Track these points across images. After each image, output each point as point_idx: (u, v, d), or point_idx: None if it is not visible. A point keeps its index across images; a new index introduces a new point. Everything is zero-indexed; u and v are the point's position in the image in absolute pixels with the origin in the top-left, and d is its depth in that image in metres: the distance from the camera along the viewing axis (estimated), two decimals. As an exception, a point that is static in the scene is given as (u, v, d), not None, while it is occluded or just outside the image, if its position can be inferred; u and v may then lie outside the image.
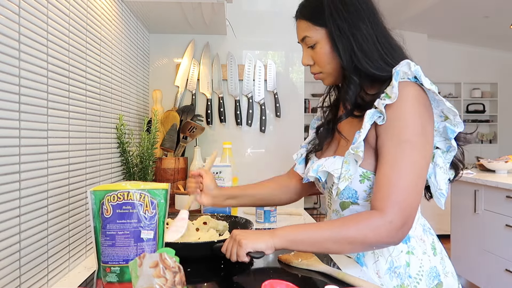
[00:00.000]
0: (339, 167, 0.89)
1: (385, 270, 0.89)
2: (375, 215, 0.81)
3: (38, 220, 0.81)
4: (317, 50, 0.94)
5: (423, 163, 0.82)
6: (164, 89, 1.84)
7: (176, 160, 1.68)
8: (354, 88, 0.91)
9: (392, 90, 0.82)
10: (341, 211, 0.95)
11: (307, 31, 0.94)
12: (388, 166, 0.82)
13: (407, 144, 0.81)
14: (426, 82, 0.84)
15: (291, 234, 0.85)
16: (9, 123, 0.71)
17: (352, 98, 0.91)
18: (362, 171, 0.88)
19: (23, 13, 0.74)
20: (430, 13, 5.53)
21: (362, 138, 0.84)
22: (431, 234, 0.96)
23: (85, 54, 1.06)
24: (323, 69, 0.96)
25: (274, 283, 0.67)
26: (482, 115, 7.31)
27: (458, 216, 3.18)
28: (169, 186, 0.79)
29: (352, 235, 0.80)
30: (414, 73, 0.84)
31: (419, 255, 0.90)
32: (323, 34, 0.92)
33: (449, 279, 0.92)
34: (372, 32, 0.90)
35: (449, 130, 0.88)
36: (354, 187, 0.89)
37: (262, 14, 1.91)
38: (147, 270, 0.57)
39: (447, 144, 0.90)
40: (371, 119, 0.85)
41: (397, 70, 0.84)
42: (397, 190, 0.80)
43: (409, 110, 0.83)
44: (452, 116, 0.87)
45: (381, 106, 0.83)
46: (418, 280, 0.88)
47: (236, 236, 0.87)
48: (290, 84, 1.93)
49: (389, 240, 0.81)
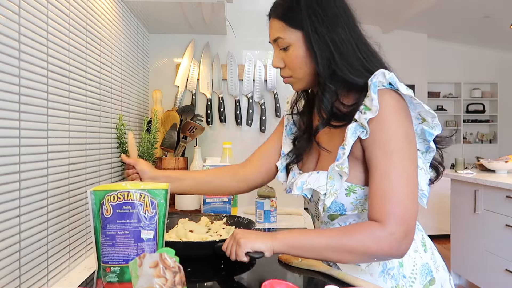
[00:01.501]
0: (324, 183, 0.87)
1: (378, 272, 0.88)
2: (376, 226, 0.79)
3: (38, 220, 0.81)
4: (289, 53, 0.90)
5: (412, 170, 0.81)
6: (164, 89, 1.84)
7: (176, 160, 1.68)
8: (330, 96, 0.87)
9: (372, 103, 0.81)
10: (331, 222, 0.94)
11: (280, 32, 0.90)
12: (380, 178, 0.81)
13: (394, 154, 0.80)
14: (402, 87, 0.83)
15: (291, 239, 0.84)
16: (9, 123, 0.71)
17: (328, 107, 0.88)
18: (347, 185, 0.86)
19: (23, 13, 0.74)
20: (430, 13, 5.52)
21: (346, 155, 0.83)
22: (420, 230, 0.96)
23: (85, 54, 1.06)
24: (294, 73, 0.92)
25: (274, 283, 0.67)
26: (482, 115, 7.31)
27: (458, 216, 3.18)
28: (169, 186, 0.79)
29: (353, 245, 0.79)
30: (389, 80, 0.82)
31: (411, 253, 0.89)
32: (298, 37, 0.88)
33: (441, 272, 0.92)
34: (351, 37, 0.87)
35: (427, 132, 0.87)
36: (340, 201, 0.88)
37: (262, 14, 1.89)
38: (147, 270, 0.57)
39: (425, 145, 0.90)
40: (354, 134, 0.83)
41: (374, 81, 0.82)
42: (393, 201, 0.79)
43: (391, 120, 0.81)
44: (430, 119, 0.86)
45: (364, 121, 0.81)
46: (413, 279, 0.87)
47: (236, 235, 0.87)
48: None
49: (392, 253, 0.79)
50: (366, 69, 0.86)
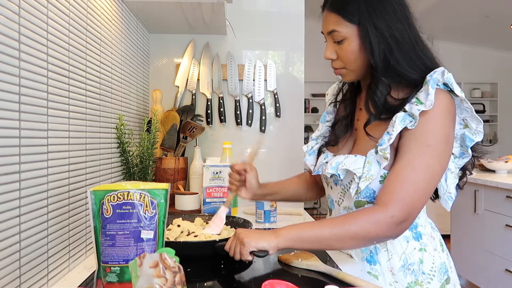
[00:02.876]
0: (360, 167, 0.89)
1: (399, 267, 0.91)
2: (377, 210, 0.82)
3: (38, 220, 0.81)
4: (344, 46, 0.91)
5: (438, 169, 0.84)
6: (164, 89, 1.84)
7: (176, 160, 1.68)
8: (383, 89, 0.89)
9: (427, 97, 0.82)
10: (355, 209, 0.95)
11: (336, 25, 0.90)
12: (403, 164, 0.83)
13: (429, 148, 0.82)
14: (457, 89, 0.85)
15: (294, 233, 0.85)
16: (9, 123, 0.71)
17: (381, 100, 0.89)
18: (384, 172, 0.88)
19: (23, 13, 0.74)
20: (430, 13, 5.52)
21: (391, 141, 0.84)
22: (437, 231, 0.99)
23: (85, 54, 1.06)
24: (347, 65, 0.93)
25: (274, 283, 0.67)
26: (482, 115, 7.31)
27: (458, 216, 3.18)
28: (169, 186, 0.79)
29: (354, 230, 0.82)
30: (446, 80, 0.84)
31: (431, 251, 0.92)
32: (354, 31, 0.89)
33: (453, 273, 0.96)
34: (409, 33, 0.89)
35: (468, 138, 0.89)
36: (373, 187, 0.90)
37: (262, 14, 1.91)
38: (147, 270, 0.57)
39: (461, 151, 0.92)
40: (403, 122, 0.84)
41: (434, 77, 0.84)
42: (405, 187, 0.81)
43: (439, 119, 0.83)
44: (474, 125, 0.88)
45: (416, 112, 0.83)
46: (432, 276, 0.90)
47: (239, 235, 0.87)
48: (290, 84, 1.93)
49: (388, 234, 0.83)
50: (423, 64, 0.88)
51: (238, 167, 1.11)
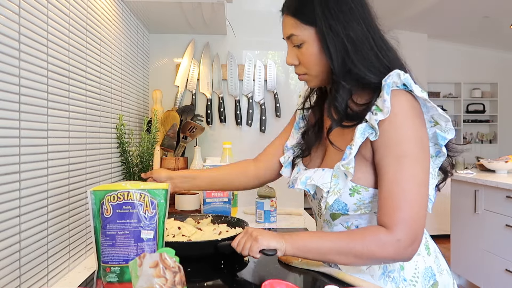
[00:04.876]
0: (328, 181, 0.87)
1: (379, 275, 0.88)
2: (382, 231, 0.79)
3: (38, 220, 0.81)
4: (303, 50, 0.88)
5: (423, 176, 0.80)
6: (164, 89, 1.84)
7: (176, 160, 1.68)
8: (344, 94, 0.85)
9: (384, 104, 0.79)
10: (332, 221, 0.93)
11: (293, 28, 0.88)
12: (390, 183, 0.80)
13: (406, 158, 0.79)
14: (417, 89, 0.81)
15: (300, 242, 0.84)
16: (9, 123, 0.71)
17: (342, 105, 0.85)
18: (352, 185, 0.85)
19: (23, 13, 0.74)
20: (430, 13, 5.52)
21: (353, 155, 0.82)
22: (424, 233, 0.94)
23: (85, 54, 1.06)
24: (309, 70, 0.90)
25: (274, 283, 0.67)
26: (482, 115, 7.31)
27: (458, 216, 3.18)
28: (169, 186, 0.79)
29: (359, 250, 0.79)
30: (403, 81, 0.81)
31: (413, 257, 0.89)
32: (312, 34, 0.86)
33: (444, 276, 0.92)
34: (368, 33, 0.85)
35: (440, 136, 0.86)
36: (344, 200, 0.87)
37: (262, 14, 1.91)
38: (147, 270, 0.57)
39: (436, 149, 0.89)
40: (363, 135, 0.82)
41: (388, 82, 0.80)
42: (402, 207, 0.78)
43: (404, 123, 0.80)
44: (443, 123, 0.85)
45: (374, 122, 0.80)
46: (414, 283, 0.87)
47: (252, 232, 0.87)
48: (290, 84, 1.93)
49: (397, 257, 0.79)
50: (383, 66, 0.84)
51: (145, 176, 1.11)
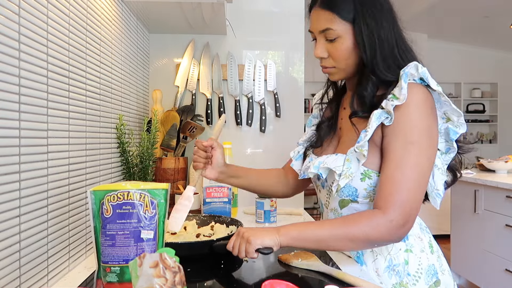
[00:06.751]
0: (340, 164, 0.89)
1: (384, 268, 0.90)
2: (376, 213, 0.82)
3: (38, 220, 0.81)
4: (337, 45, 0.90)
5: (427, 165, 0.83)
6: (164, 89, 1.84)
7: (176, 160, 1.68)
8: (373, 87, 0.89)
9: (401, 92, 0.82)
10: (340, 210, 0.95)
11: (331, 23, 0.89)
12: (392, 166, 0.83)
13: (413, 145, 0.82)
14: (433, 83, 0.85)
15: (295, 232, 0.86)
16: (9, 123, 0.71)
17: (370, 97, 0.89)
18: (364, 169, 0.88)
19: (23, 13, 0.74)
20: (430, 13, 5.52)
21: (368, 138, 0.85)
22: (428, 232, 0.98)
23: (85, 54, 1.06)
24: (338, 64, 0.92)
25: (274, 283, 0.67)
26: (482, 115, 7.31)
27: (458, 216, 3.18)
28: (169, 186, 0.79)
29: (354, 233, 0.82)
30: (421, 74, 0.84)
31: (417, 253, 0.91)
32: (348, 29, 0.88)
33: (446, 276, 0.93)
34: (393, 32, 0.89)
35: (451, 131, 0.88)
36: (354, 185, 0.90)
37: (262, 14, 1.91)
38: (147, 270, 0.57)
39: (447, 146, 0.91)
40: (378, 119, 0.85)
41: (406, 71, 0.84)
42: (400, 190, 0.81)
43: (416, 112, 0.83)
44: (455, 118, 0.88)
45: (390, 107, 0.83)
46: (417, 278, 0.89)
47: (244, 233, 0.87)
48: (290, 84, 1.93)
49: (390, 238, 0.83)
50: (398, 66, 0.88)
51: (206, 143, 1.05)
